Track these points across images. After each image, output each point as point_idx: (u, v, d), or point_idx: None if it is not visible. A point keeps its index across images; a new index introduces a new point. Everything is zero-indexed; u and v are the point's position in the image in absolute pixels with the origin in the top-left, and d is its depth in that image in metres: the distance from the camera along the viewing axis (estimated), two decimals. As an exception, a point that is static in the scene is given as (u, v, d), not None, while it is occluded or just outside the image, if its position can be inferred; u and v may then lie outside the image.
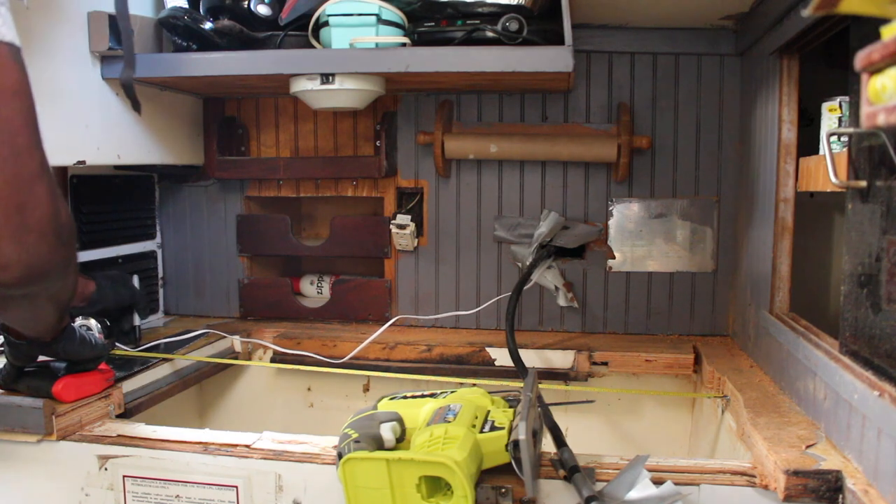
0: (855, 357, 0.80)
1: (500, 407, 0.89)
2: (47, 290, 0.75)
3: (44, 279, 0.70)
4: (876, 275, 0.75)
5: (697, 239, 1.45)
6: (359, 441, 0.77)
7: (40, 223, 0.68)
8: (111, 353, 1.21)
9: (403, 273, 1.56)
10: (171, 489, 0.90)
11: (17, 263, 0.67)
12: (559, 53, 1.13)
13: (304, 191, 1.58)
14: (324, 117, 1.56)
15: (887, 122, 0.41)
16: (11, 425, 0.94)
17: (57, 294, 0.79)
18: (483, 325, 1.55)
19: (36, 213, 0.67)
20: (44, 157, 0.69)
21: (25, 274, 0.68)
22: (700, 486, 0.80)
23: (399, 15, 1.22)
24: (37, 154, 0.68)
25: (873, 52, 0.42)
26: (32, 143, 0.68)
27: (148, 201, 1.59)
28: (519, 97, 1.48)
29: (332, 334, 1.46)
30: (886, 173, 0.73)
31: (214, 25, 1.25)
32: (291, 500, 0.88)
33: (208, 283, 1.64)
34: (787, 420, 0.93)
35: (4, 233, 0.66)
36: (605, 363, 1.34)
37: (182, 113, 1.51)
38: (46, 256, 0.69)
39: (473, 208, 1.52)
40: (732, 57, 1.39)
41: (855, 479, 0.74)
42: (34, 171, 0.67)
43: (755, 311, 1.22)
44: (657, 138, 1.43)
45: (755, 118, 1.26)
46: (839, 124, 0.97)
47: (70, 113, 1.17)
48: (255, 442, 0.92)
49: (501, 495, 0.79)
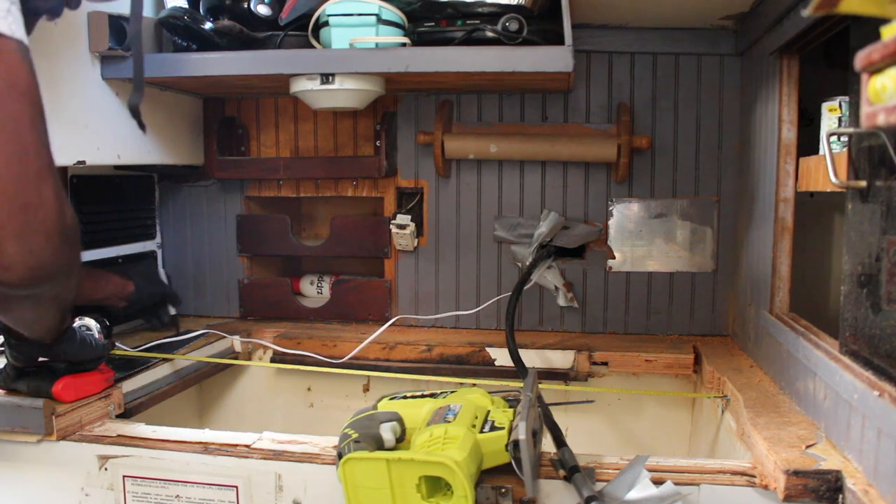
0: (855, 357, 0.80)
1: (500, 407, 0.89)
2: (51, 290, 0.74)
3: (48, 280, 0.70)
4: (876, 275, 0.75)
5: (697, 239, 1.45)
6: (359, 441, 0.77)
7: (45, 224, 0.67)
8: (111, 354, 1.21)
9: (403, 273, 1.56)
10: (171, 489, 0.90)
11: (22, 264, 0.66)
12: (559, 53, 1.13)
13: (304, 191, 1.58)
14: (324, 117, 1.56)
15: (887, 122, 0.41)
16: (11, 425, 0.94)
17: (60, 295, 0.79)
18: (483, 325, 1.55)
19: (41, 214, 0.67)
20: (50, 158, 0.69)
21: (30, 274, 0.67)
22: (700, 486, 0.80)
23: (399, 15, 1.22)
24: (43, 154, 0.68)
25: (873, 52, 0.42)
26: (39, 143, 0.67)
27: (148, 201, 1.59)
28: (519, 97, 1.48)
29: (332, 334, 1.45)
30: (886, 173, 0.73)
31: (214, 25, 1.25)
32: (291, 500, 0.88)
33: (208, 283, 1.64)
34: (787, 420, 0.93)
35: (9, 232, 0.65)
36: (605, 363, 1.34)
37: (182, 113, 1.51)
38: (51, 257, 0.69)
39: (473, 208, 1.52)
40: (732, 57, 1.39)
41: (855, 479, 0.74)
42: (40, 170, 0.67)
43: (755, 311, 1.22)
44: (657, 138, 1.43)
45: (755, 118, 1.26)
46: (839, 124, 0.97)
47: (70, 113, 1.17)
48: (255, 442, 0.91)
49: (501, 495, 0.79)
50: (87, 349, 0.97)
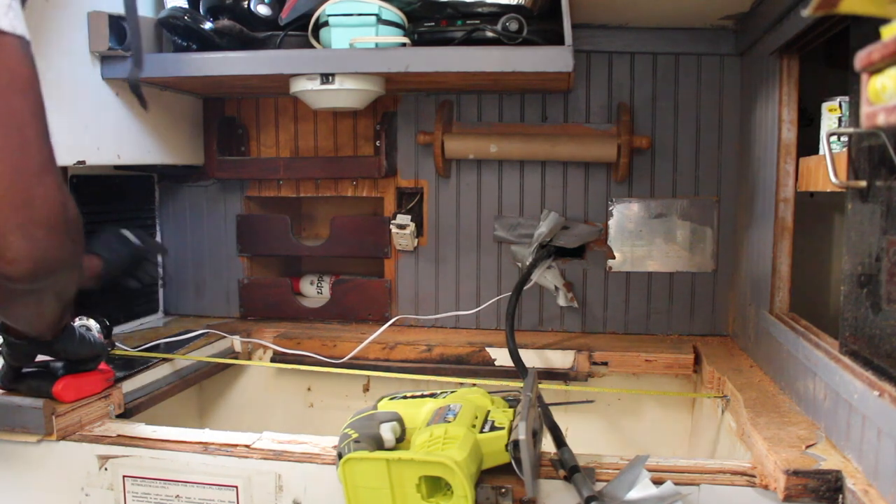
0: (855, 357, 0.80)
1: (500, 407, 0.89)
2: (55, 285, 0.74)
3: (52, 274, 0.70)
4: (876, 275, 0.75)
5: (697, 239, 1.45)
6: (359, 441, 0.77)
7: (48, 217, 0.67)
8: (111, 353, 1.21)
9: (403, 273, 1.56)
10: (171, 489, 0.90)
11: (26, 258, 0.66)
12: (559, 53, 1.13)
13: (304, 191, 1.58)
14: (324, 117, 1.56)
15: (887, 122, 0.41)
16: (11, 425, 0.94)
17: (62, 290, 0.78)
18: (483, 325, 1.54)
19: (44, 207, 0.66)
20: (52, 152, 0.69)
21: (33, 268, 0.67)
22: (700, 486, 0.80)
23: (399, 15, 1.22)
24: (45, 148, 0.68)
25: (873, 52, 0.42)
26: (41, 137, 0.67)
27: (148, 201, 1.59)
28: (519, 97, 1.48)
29: (332, 334, 1.45)
30: (886, 173, 0.73)
31: (214, 25, 1.25)
32: (291, 500, 0.88)
33: (208, 283, 1.64)
34: (787, 420, 0.93)
35: (12, 226, 0.65)
36: (605, 363, 1.34)
37: (182, 113, 1.51)
38: (55, 251, 0.68)
39: (473, 208, 1.52)
40: (732, 57, 1.39)
41: (855, 479, 0.74)
42: (42, 164, 0.67)
43: (755, 311, 1.22)
44: (657, 138, 1.43)
45: (755, 118, 1.26)
46: (839, 124, 0.97)
47: (70, 113, 1.17)
48: (254, 442, 0.91)
49: (501, 495, 0.79)
50: (85, 347, 0.97)
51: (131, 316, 1.52)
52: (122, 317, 1.49)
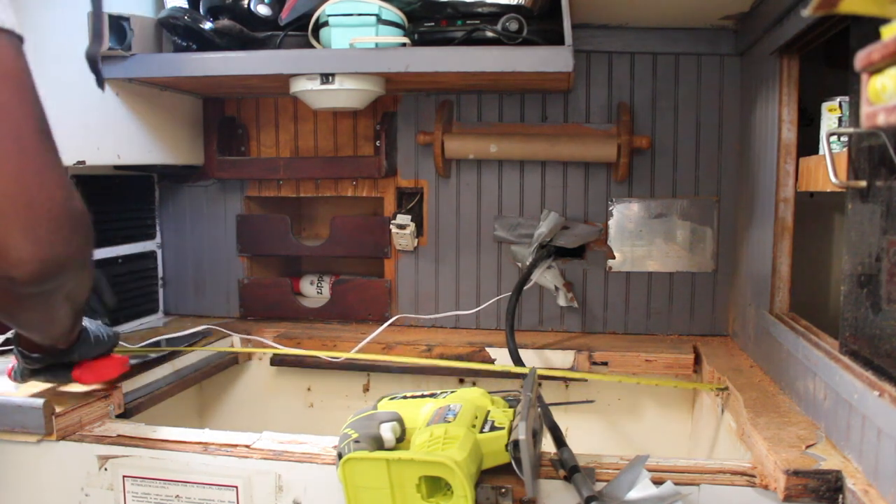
0: (855, 357, 0.80)
1: (500, 407, 0.89)
2: (64, 286, 0.70)
3: (60, 273, 0.66)
4: (876, 275, 0.75)
5: (697, 239, 1.45)
6: (359, 441, 0.77)
7: (52, 213, 0.64)
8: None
9: (403, 273, 1.56)
10: (171, 489, 0.90)
11: (33, 258, 0.62)
12: (559, 53, 1.13)
13: (303, 191, 1.58)
14: (324, 117, 1.56)
15: (887, 122, 0.41)
16: (11, 425, 0.94)
17: (73, 292, 0.75)
18: (483, 325, 1.54)
19: (47, 204, 0.63)
20: (52, 146, 0.66)
21: (41, 268, 0.63)
22: (700, 486, 0.80)
23: (399, 15, 1.22)
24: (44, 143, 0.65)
25: (873, 52, 0.42)
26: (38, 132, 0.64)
27: (148, 201, 1.59)
28: (519, 97, 1.48)
29: (332, 334, 1.45)
30: (886, 173, 0.73)
31: (214, 25, 1.25)
32: (291, 500, 0.88)
33: (208, 283, 1.64)
34: (787, 420, 0.93)
35: (16, 226, 0.62)
36: (605, 363, 1.34)
37: (182, 113, 1.51)
38: (61, 248, 0.65)
39: (473, 208, 1.52)
40: (732, 57, 1.39)
41: (855, 479, 0.74)
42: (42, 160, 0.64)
43: (755, 311, 1.22)
44: (657, 138, 1.43)
45: (755, 118, 1.26)
46: (839, 124, 0.97)
47: (70, 113, 1.17)
48: (255, 442, 0.91)
49: (501, 495, 0.79)
50: (101, 346, 0.96)
51: (131, 316, 1.53)
52: (122, 317, 1.49)
